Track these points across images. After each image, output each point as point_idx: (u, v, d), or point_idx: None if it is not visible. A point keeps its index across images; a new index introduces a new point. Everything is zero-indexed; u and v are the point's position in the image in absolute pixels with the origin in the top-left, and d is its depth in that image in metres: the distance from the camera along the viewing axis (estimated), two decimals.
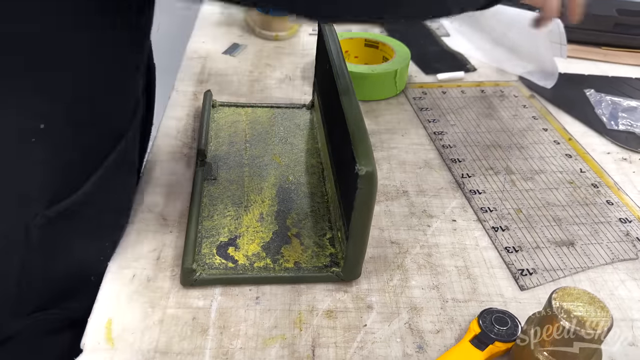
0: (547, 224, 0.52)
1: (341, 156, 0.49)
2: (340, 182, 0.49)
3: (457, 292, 0.45)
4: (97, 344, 0.39)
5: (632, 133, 0.67)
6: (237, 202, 0.51)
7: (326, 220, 0.50)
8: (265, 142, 0.59)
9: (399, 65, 0.70)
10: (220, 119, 0.62)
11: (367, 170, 0.38)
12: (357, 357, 0.40)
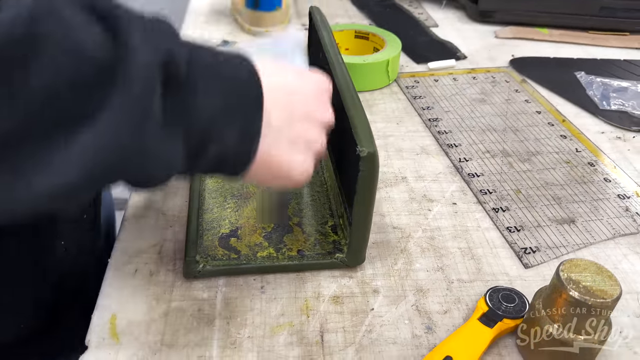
0: (547, 203, 0.53)
1: (340, 142, 0.48)
2: (340, 169, 0.49)
3: (462, 272, 0.45)
4: (101, 340, 0.38)
5: (625, 112, 0.68)
6: (237, 194, 0.50)
7: (327, 208, 0.49)
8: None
9: (390, 54, 0.70)
10: None
11: (368, 151, 0.38)
12: (366, 341, 0.39)
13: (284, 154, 0.35)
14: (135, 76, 0.26)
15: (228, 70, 0.32)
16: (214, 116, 0.30)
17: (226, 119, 0.31)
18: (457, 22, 0.91)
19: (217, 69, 0.31)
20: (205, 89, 0.30)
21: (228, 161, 0.33)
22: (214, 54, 0.32)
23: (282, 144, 0.35)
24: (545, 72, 0.76)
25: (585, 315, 0.34)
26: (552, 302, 0.36)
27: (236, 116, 0.31)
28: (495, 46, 0.84)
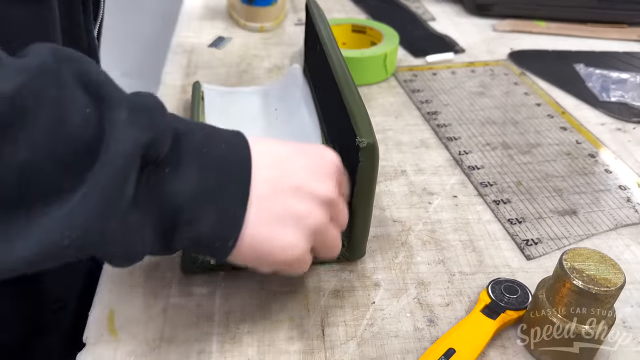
0: (548, 195, 0.52)
1: (339, 134, 0.48)
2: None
3: (463, 265, 0.45)
4: (100, 337, 0.38)
5: (625, 104, 0.67)
6: None
7: None
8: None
9: (388, 48, 0.69)
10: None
11: (368, 142, 0.38)
12: (367, 334, 0.39)
13: (267, 231, 0.32)
14: (112, 161, 0.25)
15: (216, 153, 0.31)
16: (188, 201, 0.29)
17: (203, 204, 0.30)
18: (454, 15, 0.91)
19: (204, 150, 0.30)
20: (183, 175, 0.29)
21: (206, 246, 0.31)
22: (204, 135, 0.31)
23: (266, 219, 0.32)
24: (544, 64, 0.76)
25: (589, 304, 0.34)
26: (555, 292, 0.35)
27: (215, 202, 0.30)
28: (493, 39, 0.83)
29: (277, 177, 0.33)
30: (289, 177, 0.33)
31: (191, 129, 0.31)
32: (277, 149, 0.34)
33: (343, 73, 0.45)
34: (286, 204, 0.33)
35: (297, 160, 0.34)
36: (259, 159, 0.32)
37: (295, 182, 0.33)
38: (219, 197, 0.30)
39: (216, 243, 0.31)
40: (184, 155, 0.30)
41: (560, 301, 0.35)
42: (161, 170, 0.29)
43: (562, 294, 0.35)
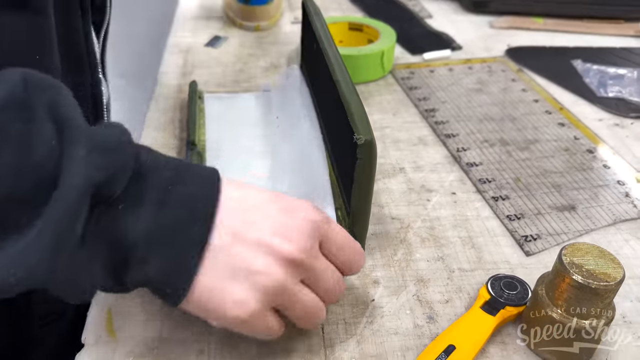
0: (547, 191, 0.52)
1: (337, 132, 0.48)
2: (338, 159, 0.49)
3: (462, 262, 0.45)
4: (98, 337, 0.38)
5: (622, 99, 0.67)
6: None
7: None
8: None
9: (385, 45, 0.69)
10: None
11: (366, 138, 0.37)
12: (367, 332, 0.39)
13: (219, 283, 0.30)
14: (66, 196, 0.25)
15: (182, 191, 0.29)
16: (141, 239, 0.28)
17: (157, 244, 0.28)
18: (451, 13, 0.91)
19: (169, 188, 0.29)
20: (139, 212, 0.28)
21: (157, 290, 0.30)
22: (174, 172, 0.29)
23: (220, 270, 0.30)
24: (542, 61, 0.76)
25: (589, 299, 0.34)
26: (555, 287, 0.35)
27: (169, 244, 0.29)
28: (490, 36, 0.83)
29: (240, 227, 0.30)
30: (253, 228, 0.30)
31: (160, 166, 0.30)
32: (251, 196, 0.32)
33: (340, 71, 0.45)
34: (243, 257, 0.30)
35: (268, 211, 0.31)
36: (227, 205, 0.30)
37: (258, 235, 0.30)
38: (174, 239, 0.29)
39: (167, 289, 0.30)
40: (144, 192, 0.28)
41: (559, 296, 0.35)
42: (114, 207, 0.28)
43: (561, 289, 0.35)
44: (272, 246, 0.30)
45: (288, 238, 0.31)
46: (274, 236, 0.30)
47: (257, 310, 0.30)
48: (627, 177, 0.54)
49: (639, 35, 0.84)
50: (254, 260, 0.30)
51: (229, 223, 0.30)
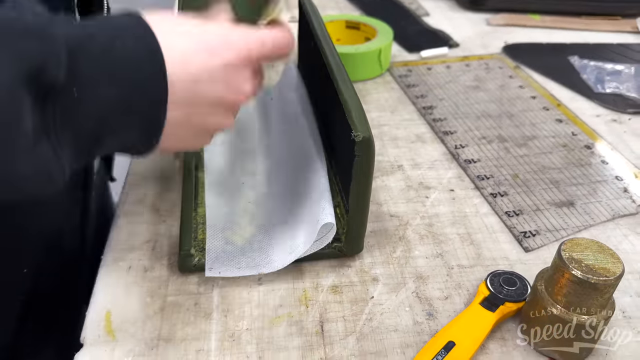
0: (545, 187, 0.52)
1: (334, 130, 0.48)
2: (335, 157, 0.48)
3: (461, 258, 0.45)
4: (97, 337, 0.38)
5: (620, 95, 0.67)
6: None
7: None
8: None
9: (382, 43, 0.69)
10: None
11: (363, 135, 0.37)
12: (367, 329, 0.39)
13: (186, 141, 0.34)
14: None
15: (124, 60, 0.28)
16: (108, 116, 0.28)
17: (121, 118, 0.29)
18: (448, 10, 0.91)
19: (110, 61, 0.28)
20: (95, 92, 0.27)
21: (130, 149, 0.32)
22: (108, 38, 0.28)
23: (183, 134, 0.33)
24: (539, 57, 0.76)
25: (589, 294, 0.34)
26: (554, 282, 0.35)
27: (133, 116, 0.29)
28: (487, 33, 0.83)
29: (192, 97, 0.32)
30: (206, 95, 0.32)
31: (91, 34, 0.28)
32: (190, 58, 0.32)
33: (338, 68, 0.45)
34: (203, 121, 0.34)
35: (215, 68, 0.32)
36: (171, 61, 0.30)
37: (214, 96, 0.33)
38: (138, 104, 0.29)
39: (140, 146, 0.32)
40: (89, 70, 0.27)
41: (559, 292, 0.35)
42: (68, 94, 0.27)
43: (561, 285, 0.35)
44: (228, 101, 0.34)
45: (235, 92, 0.34)
46: (228, 90, 0.33)
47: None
48: (626, 172, 0.54)
49: (635, 31, 0.84)
50: (214, 119, 0.34)
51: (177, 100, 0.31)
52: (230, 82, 0.33)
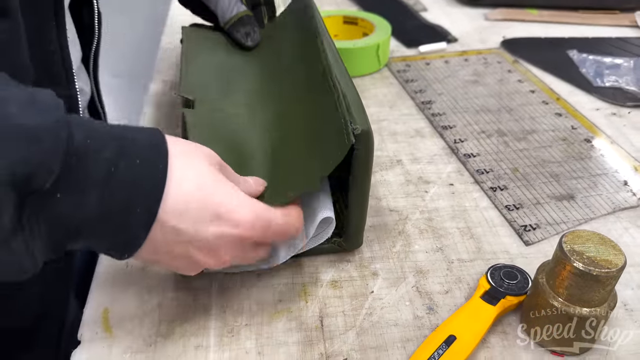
0: (545, 180, 0.52)
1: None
2: None
3: (461, 252, 0.44)
4: (94, 334, 0.37)
5: (619, 89, 0.67)
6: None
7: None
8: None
9: (380, 38, 0.68)
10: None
11: (362, 128, 0.37)
12: (367, 324, 0.38)
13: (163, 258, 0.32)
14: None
15: (126, 175, 0.28)
16: (85, 224, 0.27)
17: (103, 226, 0.28)
18: (445, 5, 0.90)
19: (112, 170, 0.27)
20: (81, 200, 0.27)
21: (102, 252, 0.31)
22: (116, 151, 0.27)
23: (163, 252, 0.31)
24: (537, 52, 0.75)
25: (591, 287, 0.33)
26: (556, 275, 0.35)
27: (116, 225, 0.28)
28: (485, 28, 0.83)
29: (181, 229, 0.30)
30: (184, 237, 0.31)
31: (100, 145, 0.27)
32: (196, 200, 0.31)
33: (335, 61, 0.45)
34: (185, 251, 0.32)
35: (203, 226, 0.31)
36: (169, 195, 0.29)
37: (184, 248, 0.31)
38: (121, 221, 0.28)
39: (113, 254, 0.31)
40: (85, 179, 0.26)
41: (560, 284, 0.35)
42: (51, 196, 0.26)
43: (562, 277, 0.34)
44: (193, 259, 0.32)
45: (212, 255, 0.32)
46: (199, 251, 0.32)
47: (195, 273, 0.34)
48: (626, 165, 0.54)
49: (634, 25, 0.83)
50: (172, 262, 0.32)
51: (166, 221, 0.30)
52: (213, 250, 0.32)
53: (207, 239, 0.31)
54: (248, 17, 0.55)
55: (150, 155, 0.29)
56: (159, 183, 0.29)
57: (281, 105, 0.48)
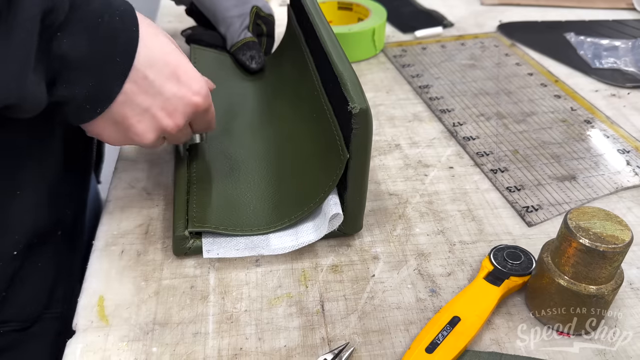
0: (546, 162, 0.51)
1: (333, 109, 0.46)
2: None
3: (463, 234, 0.43)
4: (89, 323, 0.36)
5: (618, 70, 0.66)
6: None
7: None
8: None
9: (376, 22, 0.67)
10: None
11: (361, 107, 0.36)
12: (369, 307, 0.37)
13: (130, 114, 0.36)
14: (18, 26, 0.28)
15: (109, 25, 0.33)
16: (73, 65, 0.32)
17: (86, 70, 0.32)
18: None
19: (99, 20, 0.32)
20: (73, 41, 0.31)
21: (76, 106, 0.34)
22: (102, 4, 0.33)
23: (133, 103, 0.35)
24: (534, 35, 0.74)
25: (597, 263, 0.33)
26: (561, 253, 0.34)
27: (97, 71, 0.33)
28: (481, 13, 0.82)
29: (144, 82, 0.35)
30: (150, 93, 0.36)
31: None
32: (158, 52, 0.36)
33: (332, 43, 0.43)
34: (149, 106, 0.36)
35: (166, 85, 0.36)
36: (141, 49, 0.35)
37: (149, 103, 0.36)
38: (101, 67, 0.33)
39: (87, 105, 0.34)
40: (78, 23, 0.31)
41: (566, 262, 0.34)
42: (54, 34, 0.30)
43: (568, 255, 0.34)
44: (156, 117, 0.37)
45: (172, 116, 0.38)
46: (161, 110, 0.37)
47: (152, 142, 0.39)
48: (627, 145, 0.53)
49: (630, 7, 0.83)
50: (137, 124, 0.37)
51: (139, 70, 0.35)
52: (171, 111, 0.37)
53: (168, 98, 0.37)
54: (253, 42, 0.59)
55: (126, 15, 0.34)
56: (135, 38, 0.34)
57: (281, 126, 0.50)
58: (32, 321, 0.41)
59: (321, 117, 0.44)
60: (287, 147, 0.48)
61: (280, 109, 0.52)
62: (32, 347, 0.42)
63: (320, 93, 0.46)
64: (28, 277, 0.40)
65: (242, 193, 0.44)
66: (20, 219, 0.38)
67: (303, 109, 0.49)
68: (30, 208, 0.39)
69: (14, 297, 0.39)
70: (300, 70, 0.52)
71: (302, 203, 0.42)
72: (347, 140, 0.38)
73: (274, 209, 0.43)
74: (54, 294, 0.43)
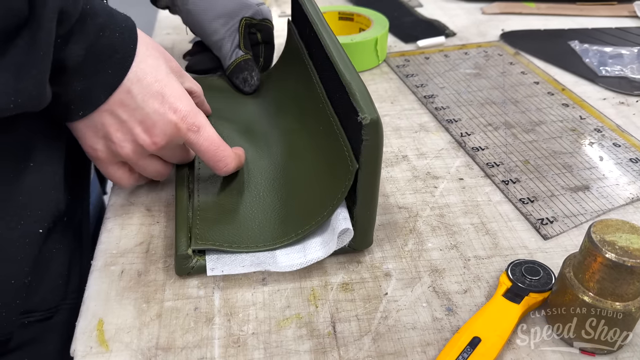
0: (558, 172, 0.50)
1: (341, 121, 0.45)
2: None
3: (477, 249, 0.42)
4: (89, 349, 0.34)
5: (625, 77, 0.65)
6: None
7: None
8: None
9: (378, 32, 0.66)
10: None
11: (371, 118, 0.35)
12: (383, 328, 0.36)
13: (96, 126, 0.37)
14: (44, 20, 0.29)
15: (110, 41, 0.35)
16: (68, 72, 0.33)
17: (78, 78, 0.34)
18: (441, 1, 0.89)
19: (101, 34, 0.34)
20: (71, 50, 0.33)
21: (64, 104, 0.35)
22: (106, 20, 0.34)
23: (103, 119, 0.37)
24: (538, 43, 0.74)
25: (625, 279, 0.31)
26: (585, 268, 0.32)
27: (87, 79, 0.34)
28: (483, 22, 0.81)
29: (127, 98, 0.36)
30: (131, 106, 0.37)
31: (96, 11, 0.34)
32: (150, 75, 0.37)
33: (338, 53, 0.42)
34: (128, 119, 0.37)
35: (149, 102, 0.37)
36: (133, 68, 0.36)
37: (128, 116, 0.37)
38: (93, 77, 0.35)
39: (72, 106, 0.35)
40: (82, 35, 0.33)
41: (591, 278, 0.32)
42: (57, 42, 0.32)
43: (593, 270, 0.32)
44: (133, 131, 0.38)
45: (149, 132, 0.38)
46: (139, 124, 0.38)
47: (103, 160, 0.40)
48: (639, 154, 0.52)
49: (633, 15, 0.82)
50: (115, 133, 0.38)
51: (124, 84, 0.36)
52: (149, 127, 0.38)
53: (148, 113, 0.37)
54: (245, 62, 0.57)
55: (127, 32, 0.36)
56: (131, 55, 0.36)
57: (286, 140, 0.49)
58: (53, 311, 0.40)
59: (327, 130, 0.43)
60: (293, 160, 0.46)
61: (285, 123, 0.51)
62: (55, 338, 0.41)
63: (326, 105, 0.44)
64: (49, 262, 0.39)
65: (247, 208, 0.43)
66: (43, 196, 0.38)
67: (308, 122, 0.47)
68: (50, 185, 0.39)
69: (37, 283, 0.38)
70: (303, 83, 0.50)
71: (310, 216, 0.40)
72: (355, 152, 0.37)
73: (280, 223, 0.41)
74: (69, 284, 0.42)
